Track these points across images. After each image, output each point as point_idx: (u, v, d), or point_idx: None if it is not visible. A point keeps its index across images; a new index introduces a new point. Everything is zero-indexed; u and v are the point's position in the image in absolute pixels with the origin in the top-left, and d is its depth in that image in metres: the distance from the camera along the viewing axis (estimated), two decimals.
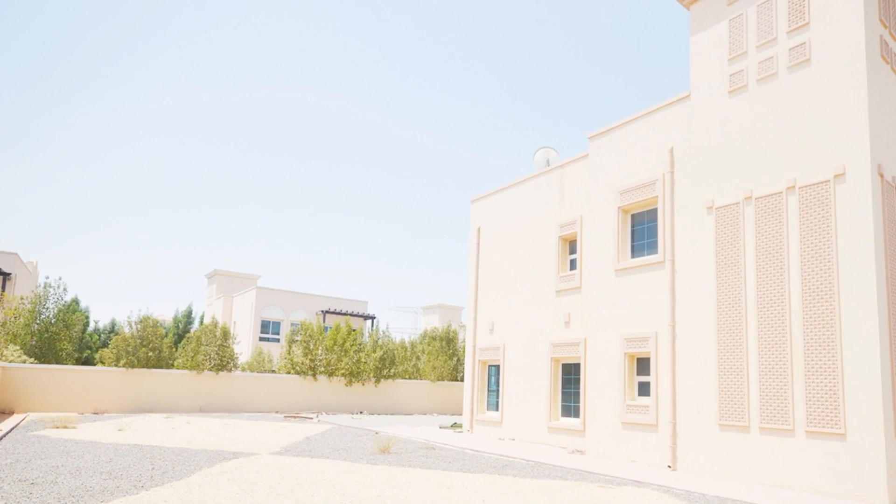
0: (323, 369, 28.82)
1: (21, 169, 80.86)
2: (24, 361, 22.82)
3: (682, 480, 11.37)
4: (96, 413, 22.67)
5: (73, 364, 26.42)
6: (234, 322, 46.75)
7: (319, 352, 29.13)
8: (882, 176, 10.80)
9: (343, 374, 29.03)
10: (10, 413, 21.20)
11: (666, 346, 13.45)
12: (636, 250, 14.93)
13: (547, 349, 17.65)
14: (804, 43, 11.68)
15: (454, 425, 22.42)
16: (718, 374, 12.22)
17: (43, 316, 25.43)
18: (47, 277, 25.94)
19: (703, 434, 12.39)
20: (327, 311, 45.15)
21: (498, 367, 20.11)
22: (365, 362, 29.53)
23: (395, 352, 32.07)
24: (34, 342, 24.78)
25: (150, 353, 24.81)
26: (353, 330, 31.04)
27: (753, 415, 11.51)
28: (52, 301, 25.70)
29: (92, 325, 39.04)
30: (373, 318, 46.02)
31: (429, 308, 55.63)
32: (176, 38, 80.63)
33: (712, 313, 12.55)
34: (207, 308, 51.54)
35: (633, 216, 15.21)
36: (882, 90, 11.26)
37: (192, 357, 25.81)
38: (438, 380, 32.06)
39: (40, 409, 22.01)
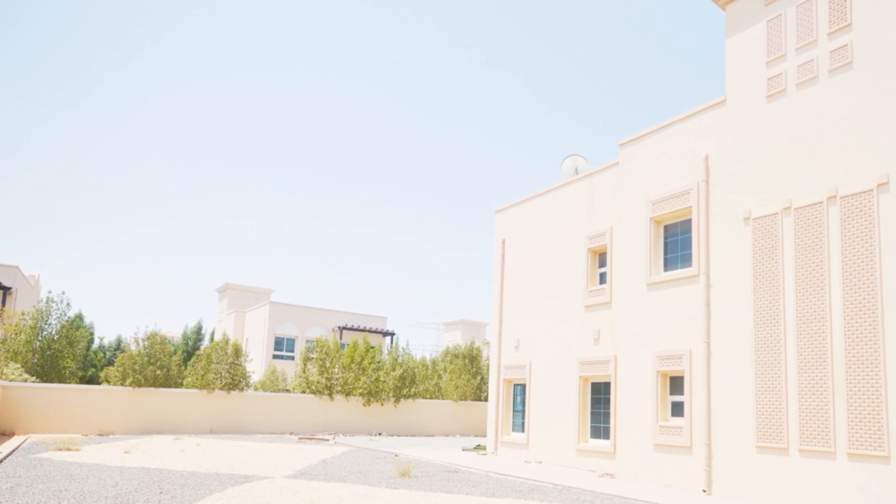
0: (340, 388, 29.26)
1: (22, 177, 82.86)
2: (26, 380, 23.28)
3: None
4: (101, 434, 23.19)
5: (77, 383, 27.04)
6: (247, 339, 47.44)
7: (336, 370, 29.55)
8: None
9: (361, 394, 29.44)
10: (11, 435, 21.64)
11: (700, 364, 13.74)
12: (669, 263, 15.25)
13: (575, 367, 17.98)
14: (846, 45, 11.97)
15: (478, 447, 22.78)
16: (756, 393, 12.49)
17: (45, 332, 25.86)
18: (50, 292, 26.42)
19: (740, 456, 12.65)
20: (344, 328, 45.68)
21: (524, 386, 20.45)
22: (384, 381, 29.90)
23: (416, 370, 32.41)
24: (36, 360, 25.22)
25: (158, 372, 25.29)
26: (372, 347, 31.39)
27: (792, 436, 11.76)
28: (54, 317, 26.13)
29: (97, 342, 39.85)
30: (392, 334, 46.46)
31: (451, 324, 55.96)
32: (184, 39, 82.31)
33: (749, 329, 12.83)
34: (218, 324, 52.34)
35: (665, 227, 15.54)
36: None
37: (203, 376, 26.34)
38: (461, 399, 32.41)
39: (42, 431, 22.49)
